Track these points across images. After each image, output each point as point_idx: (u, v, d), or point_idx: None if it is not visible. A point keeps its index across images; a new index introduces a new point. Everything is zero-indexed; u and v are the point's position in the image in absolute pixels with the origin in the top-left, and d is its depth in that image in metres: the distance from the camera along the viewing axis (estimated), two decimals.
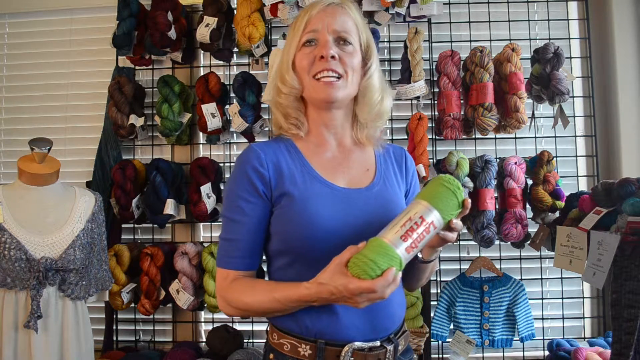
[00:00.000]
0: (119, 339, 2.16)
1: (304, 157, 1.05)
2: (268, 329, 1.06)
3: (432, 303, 2.01)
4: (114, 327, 2.15)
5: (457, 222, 0.92)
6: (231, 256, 1.01)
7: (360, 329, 0.97)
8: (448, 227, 0.92)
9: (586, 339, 2.01)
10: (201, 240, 2.23)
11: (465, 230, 1.99)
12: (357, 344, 0.95)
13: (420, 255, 1.03)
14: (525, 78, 1.96)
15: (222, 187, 2.14)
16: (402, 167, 1.15)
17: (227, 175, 2.22)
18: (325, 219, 0.96)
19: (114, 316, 2.15)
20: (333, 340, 0.96)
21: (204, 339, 2.15)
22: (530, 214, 1.95)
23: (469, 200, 0.92)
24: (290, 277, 0.98)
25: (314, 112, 1.07)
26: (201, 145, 2.27)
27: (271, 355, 1.01)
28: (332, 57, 1.00)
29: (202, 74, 2.16)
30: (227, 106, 2.11)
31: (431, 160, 2.05)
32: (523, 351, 2.05)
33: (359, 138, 1.11)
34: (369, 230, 0.90)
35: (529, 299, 1.98)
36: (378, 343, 0.98)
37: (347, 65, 1.02)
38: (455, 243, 0.91)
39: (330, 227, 0.95)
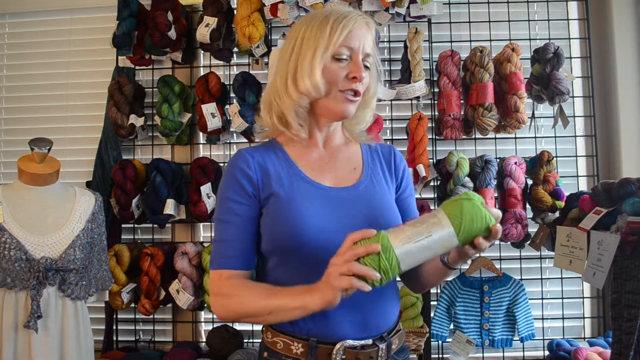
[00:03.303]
0: (119, 339, 2.16)
1: (291, 159, 1.07)
2: (263, 328, 1.06)
3: (432, 303, 2.01)
4: (114, 327, 2.15)
5: (482, 242, 0.87)
6: (223, 256, 1.01)
7: (351, 327, 0.98)
8: (472, 244, 0.88)
9: (586, 339, 2.01)
10: (201, 240, 2.23)
11: None
12: (349, 342, 0.96)
13: (445, 258, 0.99)
14: (525, 78, 1.96)
15: None
16: (391, 165, 1.16)
17: None
18: (310, 217, 0.97)
19: (114, 316, 2.15)
20: (325, 339, 0.96)
21: (204, 339, 2.15)
22: (530, 214, 1.95)
23: (499, 227, 0.87)
24: (281, 276, 0.99)
25: (315, 116, 1.07)
26: (201, 145, 2.27)
27: (265, 354, 1.03)
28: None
29: (202, 74, 2.15)
30: (227, 106, 2.11)
31: (431, 160, 2.05)
32: (523, 351, 2.05)
33: (347, 136, 1.15)
34: (355, 228, 0.89)
35: (529, 299, 1.98)
36: (370, 341, 0.98)
37: (364, 87, 1.04)
38: None
39: (315, 225, 0.97)
